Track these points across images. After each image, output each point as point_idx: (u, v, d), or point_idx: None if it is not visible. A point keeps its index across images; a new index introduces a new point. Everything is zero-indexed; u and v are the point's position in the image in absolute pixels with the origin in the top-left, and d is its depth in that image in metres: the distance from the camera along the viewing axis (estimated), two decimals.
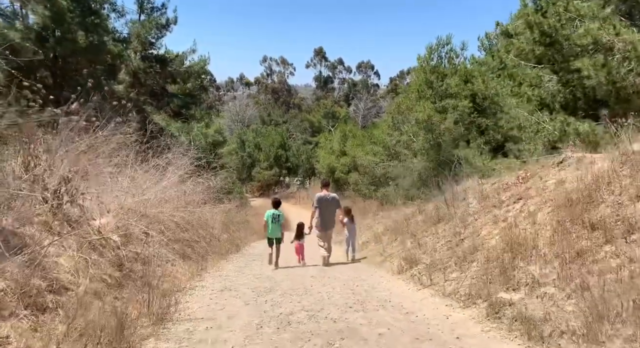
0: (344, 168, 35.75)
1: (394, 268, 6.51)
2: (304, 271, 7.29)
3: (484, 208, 6.09)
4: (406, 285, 5.52)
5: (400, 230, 8.41)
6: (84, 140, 6.18)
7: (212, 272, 7.67)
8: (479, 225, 5.71)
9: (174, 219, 9.80)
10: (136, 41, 23.92)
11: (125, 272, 6.10)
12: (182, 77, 26.41)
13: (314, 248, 9.26)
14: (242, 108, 68.68)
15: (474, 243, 5.23)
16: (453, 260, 5.40)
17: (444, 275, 5.17)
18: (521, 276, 3.92)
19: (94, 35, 20.71)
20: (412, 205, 12.08)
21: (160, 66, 25.22)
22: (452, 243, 5.85)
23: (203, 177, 11.38)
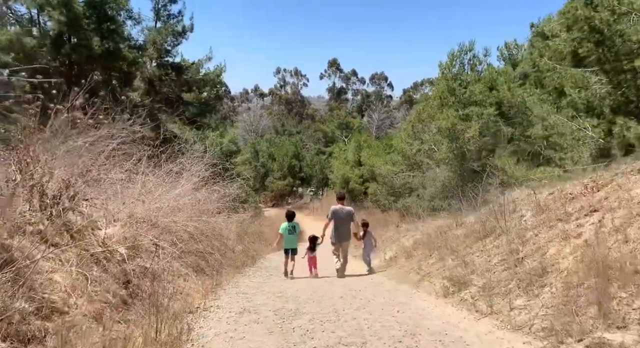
0: (358, 179, 35.07)
1: (437, 289, 5.73)
2: (329, 289, 6.54)
3: (545, 222, 5.30)
4: (459, 312, 4.71)
5: (434, 244, 7.64)
6: (88, 138, 5.53)
7: (228, 289, 6.95)
8: (543, 242, 4.92)
9: (187, 229, 9.13)
10: (152, 48, 23.60)
11: (131, 289, 5.40)
12: (197, 85, 26.04)
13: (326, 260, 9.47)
14: (255, 118, 68.50)
15: (542, 263, 4.43)
16: (514, 283, 4.61)
17: (507, 301, 4.38)
18: (627, 310, 3.13)
19: (110, 42, 20.40)
20: (439, 216, 11.25)
21: (176, 74, 24.87)
22: (508, 263, 5.07)
23: (218, 185, 10.71)
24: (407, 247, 9.13)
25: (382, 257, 9.98)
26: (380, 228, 15.29)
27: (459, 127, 17.16)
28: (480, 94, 18.06)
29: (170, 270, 7.09)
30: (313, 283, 7.33)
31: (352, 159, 37.03)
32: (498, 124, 17.75)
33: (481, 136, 17.41)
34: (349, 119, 59.66)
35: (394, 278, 7.33)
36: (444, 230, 8.17)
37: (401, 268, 7.90)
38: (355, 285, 6.74)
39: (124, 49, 21.00)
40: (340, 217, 8.87)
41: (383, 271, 8.62)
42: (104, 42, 19.99)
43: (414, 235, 10.53)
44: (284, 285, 7.30)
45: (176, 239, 8.43)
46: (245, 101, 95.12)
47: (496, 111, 17.65)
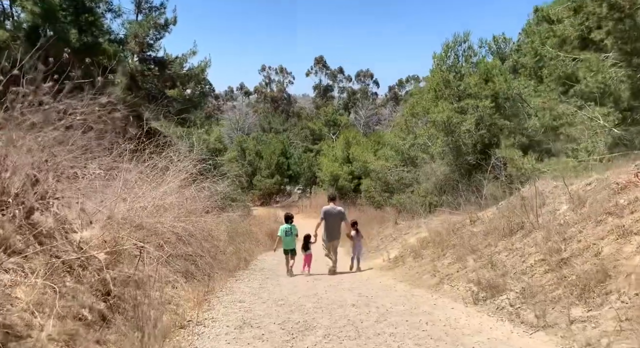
0: (347, 176, 34.49)
1: (463, 294, 5.08)
2: (337, 296, 5.87)
3: (589, 217, 4.67)
4: (500, 323, 4.03)
5: (447, 243, 7.02)
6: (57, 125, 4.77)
7: (222, 296, 6.23)
8: (592, 239, 4.28)
9: (175, 230, 8.37)
10: (133, 42, 22.62)
11: (112, 301, 4.65)
12: (181, 81, 25.11)
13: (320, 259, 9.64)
14: (241, 116, 67.49)
15: (599, 265, 3.79)
16: (564, 288, 3.97)
17: (560, 311, 3.73)
18: None
19: (88, 35, 19.44)
20: (442, 212, 10.66)
21: (159, 69, 23.96)
22: (550, 264, 4.44)
23: (207, 182, 9.95)
24: (413, 245, 8.49)
25: (385, 256, 9.33)
26: (377, 226, 14.66)
27: (454, 120, 16.64)
28: (475, 86, 17.56)
29: (157, 276, 6.35)
30: (316, 288, 6.66)
31: (341, 155, 36.46)
32: (494, 116, 17.27)
33: (477, 129, 16.93)
34: (337, 116, 58.91)
35: (405, 281, 6.69)
36: (457, 227, 7.55)
37: (411, 269, 7.26)
38: (366, 291, 6.08)
39: (104, 42, 20.07)
40: (332, 217, 9.24)
41: (389, 271, 7.98)
42: (82, 35, 19.04)
43: (417, 232, 9.91)
44: (284, 290, 6.61)
45: (163, 242, 7.69)
46: (230, 99, 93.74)
47: (492, 103, 17.16)
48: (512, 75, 18.88)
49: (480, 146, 17.42)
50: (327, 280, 7.50)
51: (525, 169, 9.70)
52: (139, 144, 8.41)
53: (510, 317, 4.14)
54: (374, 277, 7.74)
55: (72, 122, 5.07)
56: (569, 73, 11.01)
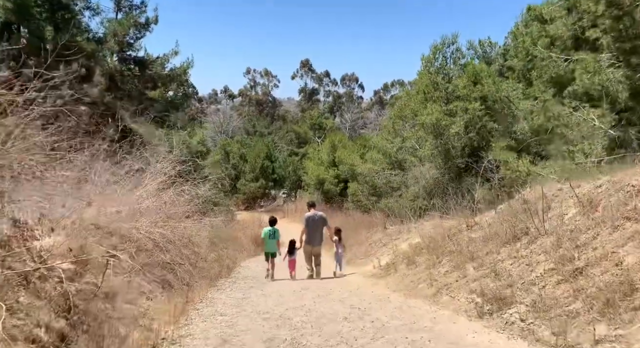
0: (333, 179, 34.09)
1: (466, 307, 4.66)
2: (327, 308, 5.42)
3: (603, 222, 4.29)
4: (513, 341, 3.60)
5: (442, 249, 6.61)
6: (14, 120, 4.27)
7: (202, 308, 5.74)
8: (609, 247, 3.89)
9: (152, 237, 7.84)
10: (112, 41, 21.93)
11: (75, 318, 4.13)
12: (163, 81, 24.44)
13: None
14: (225, 119, 66.76)
15: (627, 277, 3.40)
16: (582, 302, 3.57)
17: (581, 328, 3.33)
18: None
19: (65, 33, 18.73)
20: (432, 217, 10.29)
21: (139, 69, 23.26)
22: (562, 274, 4.05)
23: (188, 185, 9.41)
24: (405, 251, 8.07)
25: (375, 262, 8.89)
26: (365, 231, 14.25)
27: (443, 123, 16.35)
28: (464, 88, 17.30)
29: (130, 287, 5.83)
30: (304, 298, 6.20)
31: (327, 159, 36.03)
32: (484, 119, 17.04)
33: (466, 132, 16.67)
34: (322, 120, 58.57)
35: (399, 291, 6.26)
36: (452, 232, 7.16)
37: (405, 278, 6.83)
38: (358, 302, 5.64)
39: (82, 41, 19.37)
40: (314, 222, 9.56)
41: (381, 279, 7.55)
42: (58, 33, 18.33)
43: (408, 237, 9.51)
44: (269, 301, 6.13)
45: (138, 249, 7.16)
46: (214, 102, 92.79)
47: (481, 106, 16.93)
48: (499, 78, 18.72)
49: (469, 149, 17.17)
50: (315, 289, 7.05)
51: (520, 171, 9.40)
52: (113, 144, 7.87)
53: (523, 334, 3.73)
54: (365, 285, 7.29)
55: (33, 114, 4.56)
56: (561, 74, 10.76)
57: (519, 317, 3.95)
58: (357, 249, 12.50)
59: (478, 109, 16.67)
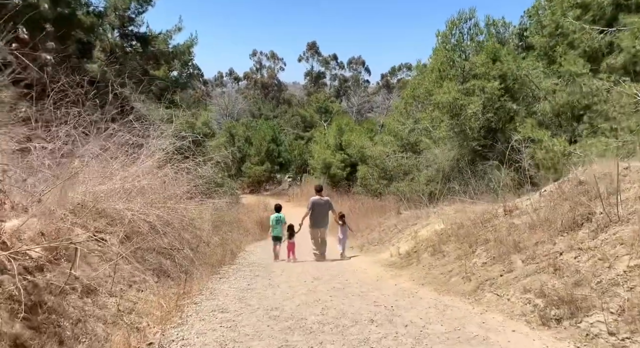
0: (340, 164, 33.31)
1: (522, 309, 3.84)
2: (347, 304, 4.64)
3: None
4: None
5: (476, 237, 5.79)
6: None
7: (201, 302, 4.98)
8: None
9: (148, 219, 7.08)
10: (113, 15, 21.01)
11: (41, 317, 3.36)
12: (166, 59, 23.54)
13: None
14: (230, 102, 65.79)
15: None
16: None
17: None
18: None
19: (63, 6, 17.81)
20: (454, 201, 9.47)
21: (141, 45, 22.35)
22: None
23: (188, 163, 8.60)
24: (429, 239, 7.23)
25: (393, 250, 8.10)
26: (377, 216, 13.45)
27: (460, 102, 15.43)
28: (482, 65, 16.34)
29: (118, 277, 5.08)
30: (318, 291, 5.42)
31: (333, 143, 35.20)
32: (503, 98, 16.10)
33: (484, 112, 15.75)
34: (328, 103, 57.48)
35: (428, 284, 5.45)
36: (485, 217, 6.33)
37: (432, 269, 6.02)
38: (382, 298, 4.85)
39: (81, 14, 18.48)
40: (320, 207, 9.89)
41: (402, 270, 6.75)
42: (56, 5, 17.42)
43: (428, 223, 8.69)
44: (278, 293, 5.36)
45: (131, 232, 6.40)
46: (219, 85, 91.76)
47: (500, 85, 15.98)
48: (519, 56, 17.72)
49: (484, 131, 16.29)
50: (329, 279, 6.28)
51: (555, 151, 8.54)
52: (105, 115, 7.07)
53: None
54: (385, 277, 6.46)
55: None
56: (596, 47, 9.82)
57: (605, 329, 3.13)
58: (370, 235, 11.72)
59: (497, 88, 15.74)
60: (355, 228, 14.84)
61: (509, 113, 16.42)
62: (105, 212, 6.22)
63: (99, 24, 19.86)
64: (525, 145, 9.54)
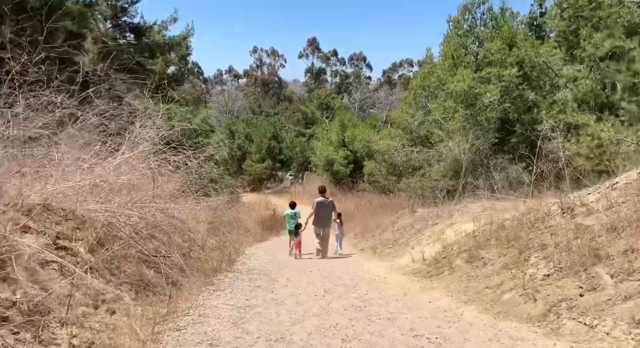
0: (343, 160, 32.29)
1: None
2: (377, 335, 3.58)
3: None
4: None
5: (525, 241, 4.70)
6: None
7: (186, 326, 3.93)
8: None
9: (130, 221, 6.04)
10: (104, 5, 19.94)
11: None
12: (161, 51, 22.46)
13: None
14: (230, 99, 64.74)
15: None
16: None
17: None
18: None
19: None
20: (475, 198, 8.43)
21: (135, 36, 21.29)
22: None
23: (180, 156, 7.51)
24: (460, 242, 6.12)
25: (415, 255, 6.92)
26: (388, 214, 12.39)
27: (476, 91, 14.34)
28: (498, 52, 15.26)
29: (82, 295, 4.03)
30: (332, 310, 4.36)
31: (336, 139, 34.15)
32: (521, 87, 15.03)
33: (500, 101, 14.68)
34: (330, 99, 56.37)
35: (472, 301, 4.32)
36: (535, 217, 5.22)
37: (471, 280, 4.91)
38: (419, 322, 3.76)
39: (70, 3, 17.42)
40: (324, 207, 10.26)
41: (432, 280, 5.62)
42: None
43: (452, 223, 7.60)
44: (283, 313, 4.29)
45: (106, 237, 5.34)
46: (219, 83, 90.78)
47: (519, 72, 14.91)
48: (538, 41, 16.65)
49: (501, 122, 15.24)
50: (343, 293, 5.20)
51: (603, 139, 7.47)
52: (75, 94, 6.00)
53: None
54: (413, 290, 5.31)
55: None
56: (637, 21, 8.76)
57: None
58: (382, 235, 10.63)
59: (515, 75, 14.66)
60: (363, 227, 13.84)
61: (526, 103, 15.36)
62: (75, 214, 5.16)
63: (89, 13, 18.77)
64: (561, 132, 8.46)
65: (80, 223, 5.15)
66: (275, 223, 19.17)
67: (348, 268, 7.23)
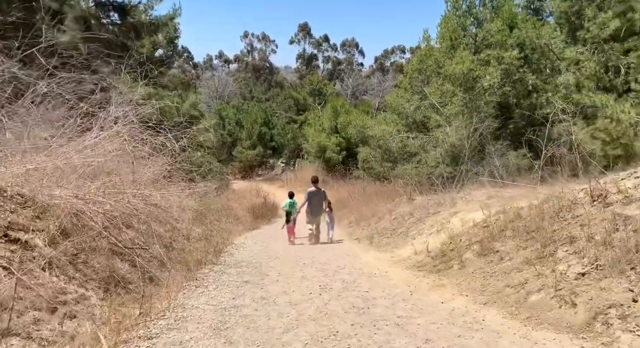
0: (335, 147, 31.71)
1: None
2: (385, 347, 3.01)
3: None
4: None
5: (548, 233, 4.13)
6: None
7: (159, 334, 3.35)
8: None
9: (102, 209, 5.39)
10: None
11: None
12: (147, 30, 21.52)
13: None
14: (221, 84, 63.56)
15: None
16: None
17: None
18: None
19: None
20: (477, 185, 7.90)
21: (119, 15, 20.33)
22: None
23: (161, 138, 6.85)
24: (469, 233, 5.53)
25: (417, 246, 6.32)
26: (384, 202, 11.82)
27: (476, 73, 13.75)
28: (498, 33, 14.64)
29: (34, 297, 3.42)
30: (331, 314, 3.78)
31: (329, 125, 33.49)
32: (522, 70, 14.47)
33: (500, 85, 14.11)
34: (322, 85, 55.47)
35: (491, 303, 3.75)
36: (558, 206, 4.64)
37: (488, 278, 4.28)
38: (437, 333, 3.17)
39: None
40: (316, 197, 10.66)
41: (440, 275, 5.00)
42: None
43: (456, 212, 7.02)
44: (274, 317, 3.70)
45: (73, 227, 4.72)
46: (209, 68, 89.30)
47: (520, 54, 14.33)
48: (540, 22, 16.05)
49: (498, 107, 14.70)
50: (342, 290, 4.60)
51: (621, 120, 6.93)
52: None
53: None
54: (421, 287, 4.65)
55: None
56: None
57: None
58: (378, 224, 10.06)
59: (516, 57, 14.08)
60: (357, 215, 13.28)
61: (526, 87, 14.82)
62: (35, 201, 4.52)
63: None
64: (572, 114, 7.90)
65: (41, 211, 4.51)
66: (267, 212, 18.59)
67: (344, 261, 6.65)
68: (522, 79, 14.42)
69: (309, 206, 10.66)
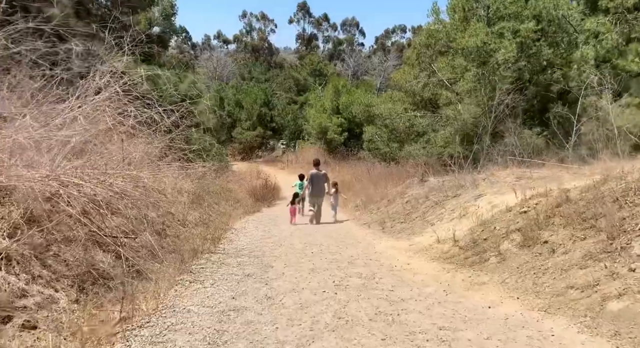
0: (337, 128, 30.90)
1: None
2: None
3: None
4: None
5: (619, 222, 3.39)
6: None
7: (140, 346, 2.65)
8: None
9: (82, 192, 4.66)
10: None
11: None
12: (142, 5, 20.60)
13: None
14: (220, 64, 62.34)
15: None
16: None
17: None
18: None
19: None
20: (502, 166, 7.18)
21: None
22: None
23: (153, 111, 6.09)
24: (504, 219, 4.75)
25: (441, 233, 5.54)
26: (392, 184, 11.11)
27: (491, 46, 12.90)
28: (513, 4, 13.75)
29: None
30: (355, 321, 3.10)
31: (330, 106, 32.60)
32: (539, 43, 13.61)
33: (516, 59, 13.27)
34: (322, 65, 54.32)
35: (557, 312, 2.97)
36: (625, 188, 3.88)
37: (541, 275, 3.46)
38: None
39: None
40: (317, 179, 10.99)
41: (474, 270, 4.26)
42: None
43: (480, 195, 6.29)
44: (283, 325, 3.04)
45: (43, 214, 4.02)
46: (207, 48, 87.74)
47: (536, 26, 13.45)
48: None
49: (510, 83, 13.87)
50: (361, 287, 3.95)
51: None
52: None
53: None
54: (455, 284, 3.94)
55: None
56: None
57: None
58: (389, 208, 9.32)
59: (532, 29, 13.20)
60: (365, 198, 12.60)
61: (542, 61, 13.97)
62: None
63: None
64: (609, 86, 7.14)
65: (4, 195, 3.80)
66: (267, 194, 17.91)
67: (357, 250, 5.96)
68: (539, 53, 13.57)
69: (311, 187, 11.11)
